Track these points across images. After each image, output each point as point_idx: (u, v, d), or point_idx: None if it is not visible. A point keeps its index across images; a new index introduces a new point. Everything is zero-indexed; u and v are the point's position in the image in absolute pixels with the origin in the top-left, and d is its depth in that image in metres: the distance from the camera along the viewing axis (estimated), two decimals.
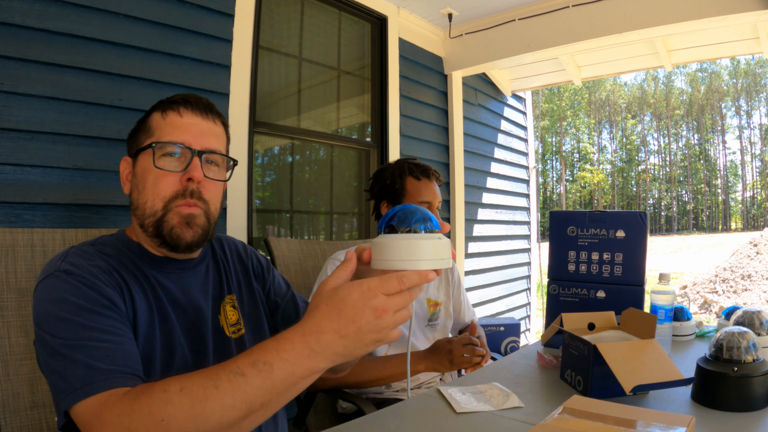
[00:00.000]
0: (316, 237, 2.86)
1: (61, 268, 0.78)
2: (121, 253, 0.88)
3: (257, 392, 0.61)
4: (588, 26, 2.91)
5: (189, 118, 0.90)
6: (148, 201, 0.87)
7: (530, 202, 4.69)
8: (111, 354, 0.70)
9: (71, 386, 0.67)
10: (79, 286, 0.76)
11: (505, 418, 0.91)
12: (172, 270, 0.92)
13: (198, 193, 0.88)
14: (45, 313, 0.74)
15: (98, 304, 0.75)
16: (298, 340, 0.61)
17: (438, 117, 3.46)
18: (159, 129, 0.89)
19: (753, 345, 0.96)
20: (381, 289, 0.60)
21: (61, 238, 1.20)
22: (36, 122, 1.60)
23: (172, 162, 0.88)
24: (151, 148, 0.87)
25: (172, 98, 0.92)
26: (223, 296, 0.98)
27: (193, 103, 0.91)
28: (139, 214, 0.89)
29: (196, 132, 0.89)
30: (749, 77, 47.16)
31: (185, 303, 0.90)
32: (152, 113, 0.92)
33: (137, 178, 0.90)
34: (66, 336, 0.71)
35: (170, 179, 0.87)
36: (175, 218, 0.86)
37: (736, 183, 51.44)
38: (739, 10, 2.49)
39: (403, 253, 0.63)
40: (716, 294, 7.60)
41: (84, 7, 1.71)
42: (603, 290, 1.40)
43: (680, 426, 0.64)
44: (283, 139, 2.62)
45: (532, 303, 4.71)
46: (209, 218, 0.91)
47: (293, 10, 2.61)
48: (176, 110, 0.90)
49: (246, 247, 1.11)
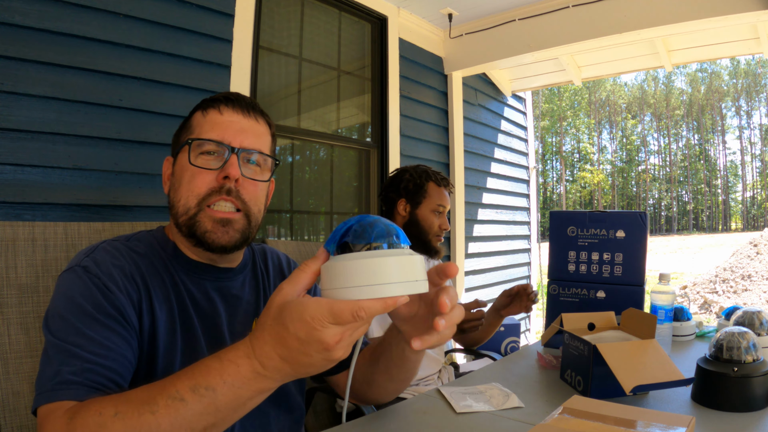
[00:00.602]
0: (316, 237, 2.86)
1: (83, 263, 0.77)
2: (154, 253, 0.85)
3: (199, 417, 0.57)
4: (588, 26, 2.91)
5: (229, 115, 0.87)
6: (182, 199, 0.84)
7: (530, 202, 4.68)
8: (87, 366, 0.67)
9: (39, 389, 0.67)
10: (91, 288, 0.74)
11: (505, 418, 0.91)
12: (206, 278, 0.88)
13: (236, 192, 0.84)
14: (53, 306, 0.74)
15: (103, 312, 0.73)
16: (243, 363, 0.56)
17: (438, 117, 3.46)
18: (198, 126, 0.88)
19: (753, 345, 0.96)
20: (331, 320, 0.50)
21: (63, 232, 1.16)
22: (36, 122, 1.60)
23: (210, 160, 0.85)
24: (188, 145, 0.85)
25: (215, 96, 0.90)
26: (258, 313, 0.92)
27: (234, 101, 0.89)
28: (174, 212, 0.86)
29: (235, 129, 0.87)
30: (749, 77, 47.15)
31: (213, 315, 0.86)
32: (194, 112, 0.91)
33: (175, 176, 0.89)
34: (58, 336, 0.70)
35: (206, 177, 0.84)
36: (208, 222, 0.83)
37: (736, 183, 51.44)
38: (739, 10, 2.49)
39: (361, 277, 0.50)
40: (716, 294, 7.60)
41: (84, 7, 1.71)
42: (603, 290, 1.40)
43: (680, 426, 0.64)
44: (284, 139, 2.62)
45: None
46: (250, 220, 0.87)
47: (293, 10, 2.61)
48: (216, 108, 0.88)
49: (290, 262, 1.05)
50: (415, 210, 1.74)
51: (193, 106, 0.93)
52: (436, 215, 1.74)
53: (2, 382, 1.02)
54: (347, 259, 0.52)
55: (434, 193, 1.74)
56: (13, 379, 1.03)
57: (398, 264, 0.51)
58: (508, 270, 4.29)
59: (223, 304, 0.88)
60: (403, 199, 1.75)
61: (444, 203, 1.75)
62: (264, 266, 0.99)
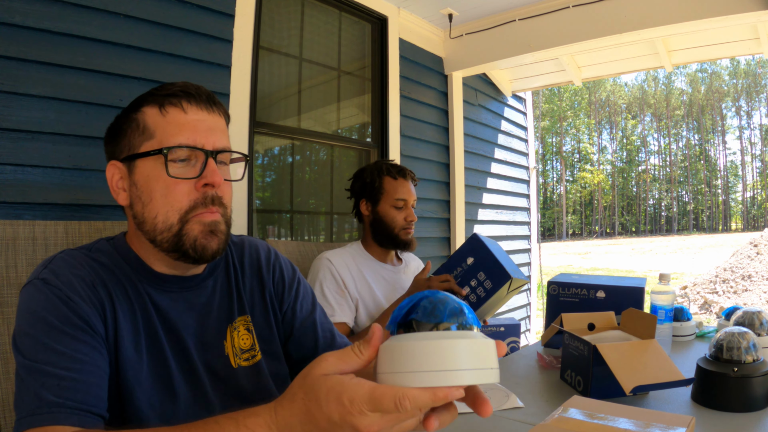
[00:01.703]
0: (316, 237, 2.86)
1: (41, 276, 0.72)
2: (115, 263, 0.79)
3: None
4: (588, 27, 2.91)
5: (194, 113, 0.78)
6: (159, 215, 0.76)
7: (530, 202, 4.68)
8: (63, 384, 0.64)
9: (20, 413, 0.64)
10: (53, 300, 0.69)
11: (505, 418, 0.91)
12: (172, 288, 0.82)
13: (219, 198, 0.79)
14: (18, 325, 0.70)
15: (69, 323, 0.68)
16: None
17: (438, 117, 3.46)
18: (160, 129, 0.77)
19: (753, 345, 0.96)
20: (369, 406, 0.44)
21: (64, 230, 1.16)
22: (36, 122, 1.60)
23: (183, 167, 0.77)
24: (162, 155, 0.75)
25: (168, 90, 0.79)
26: (233, 318, 0.87)
27: (196, 96, 0.79)
28: (147, 229, 0.77)
29: (204, 129, 0.78)
30: (749, 78, 47.16)
31: (181, 327, 0.80)
32: (143, 108, 0.79)
33: (139, 188, 0.78)
34: (27, 355, 0.67)
35: (184, 187, 0.76)
36: (197, 228, 0.77)
37: (736, 183, 51.46)
38: (740, 10, 2.49)
39: (429, 361, 0.44)
40: (716, 294, 7.60)
41: (84, 8, 1.71)
42: (603, 290, 1.40)
43: (680, 426, 0.64)
44: (284, 139, 2.62)
45: (533, 303, 4.70)
46: (228, 223, 0.82)
47: (293, 10, 2.61)
48: (178, 105, 0.78)
49: (270, 257, 0.96)
50: (376, 208, 1.73)
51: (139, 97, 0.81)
52: (396, 210, 1.71)
53: (2, 382, 1.01)
54: (414, 340, 0.46)
55: (390, 188, 1.72)
56: (14, 379, 1.03)
57: (472, 348, 0.45)
58: None
59: (192, 314, 0.83)
60: (363, 199, 1.76)
61: (403, 196, 1.72)
62: (239, 263, 0.92)
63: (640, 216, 52.29)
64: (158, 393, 0.77)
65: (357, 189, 1.80)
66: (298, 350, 0.95)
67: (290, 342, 0.95)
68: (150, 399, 0.76)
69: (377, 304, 1.67)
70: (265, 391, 0.87)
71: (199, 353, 0.82)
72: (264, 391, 0.87)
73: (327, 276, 1.62)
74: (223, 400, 0.83)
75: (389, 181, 1.73)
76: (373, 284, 1.69)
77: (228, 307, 0.87)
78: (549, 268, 13.26)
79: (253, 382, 0.86)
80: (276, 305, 0.94)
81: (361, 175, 1.79)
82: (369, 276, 1.70)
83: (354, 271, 1.67)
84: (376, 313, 1.66)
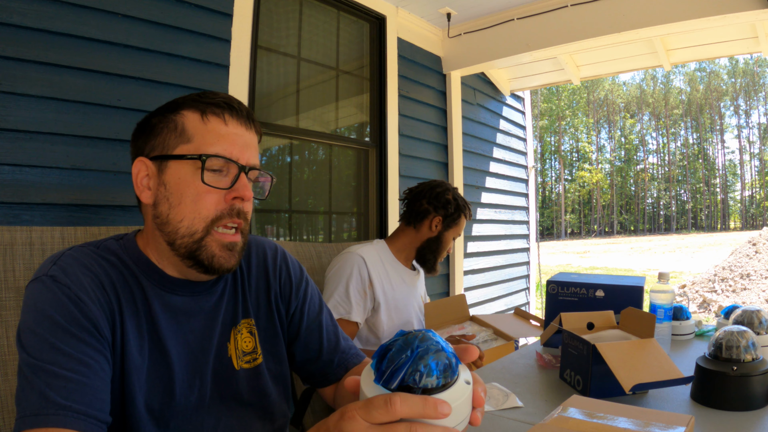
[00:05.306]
0: (314, 237, 2.86)
1: (50, 272, 0.71)
2: (124, 265, 0.79)
3: None
4: (586, 26, 2.92)
5: (234, 127, 0.80)
6: (186, 219, 0.77)
7: (529, 201, 4.69)
8: (70, 386, 0.64)
9: (23, 411, 0.63)
10: (61, 299, 0.69)
11: (505, 418, 0.91)
12: (181, 292, 0.82)
13: (244, 213, 0.80)
14: (23, 321, 0.69)
15: (76, 324, 0.68)
16: None
17: (437, 116, 3.46)
18: (199, 135, 0.78)
19: (752, 344, 0.96)
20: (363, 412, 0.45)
21: (60, 236, 1.18)
22: (34, 122, 1.60)
23: (215, 177, 0.78)
24: (200, 161, 0.76)
25: (211, 99, 0.81)
26: (237, 322, 0.87)
27: (237, 110, 0.81)
28: (169, 230, 0.78)
29: (240, 144, 0.80)
30: (748, 76, 47.20)
31: (187, 330, 0.81)
32: (183, 111, 0.80)
33: (168, 189, 0.78)
34: (33, 353, 0.66)
35: (214, 197, 0.77)
36: (215, 246, 0.78)
37: (734, 182, 51.48)
38: (738, 9, 2.49)
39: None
40: (715, 293, 7.61)
41: (82, 7, 1.70)
42: (602, 289, 1.40)
43: (680, 425, 0.64)
44: (282, 138, 2.62)
45: (531, 302, 4.71)
46: (245, 239, 0.83)
47: (292, 9, 2.61)
48: (220, 116, 0.79)
49: (277, 258, 0.96)
50: (444, 231, 1.81)
51: (178, 100, 0.82)
52: (452, 242, 1.86)
53: (1, 384, 1.02)
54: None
55: (461, 224, 1.86)
56: (12, 381, 1.03)
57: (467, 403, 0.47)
58: (507, 269, 4.29)
59: (199, 318, 0.83)
60: (440, 217, 1.79)
61: (460, 234, 1.89)
62: (246, 264, 0.92)
63: (639, 215, 52.34)
64: (158, 395, 0.77)
65: (441, 204, 1.80)
66: (302, 352, 0.96)
67: (296, 344, 0.95)
68: (149, 401, 0.76)
69: (396, 306, 1.75)
70: (263, 393, 0.87)
71: (204, 356, 0.82)
72: (262, 393, 0.87)
73: (355, 273, 1.65)
74: (223, 400, 0.83)
75: (463, 219, 1.86)
76: (396, 286, 1.76)
77: (232, 311, 0.87)
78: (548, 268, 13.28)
79: (252, 384, 0.86)
80: (282, 307, 0.94)
81: (446, 194, 1.81)
82: (393, 277, 1.76)
83: (381, 271, 1.73)
84: (393, 314, 1.73)
